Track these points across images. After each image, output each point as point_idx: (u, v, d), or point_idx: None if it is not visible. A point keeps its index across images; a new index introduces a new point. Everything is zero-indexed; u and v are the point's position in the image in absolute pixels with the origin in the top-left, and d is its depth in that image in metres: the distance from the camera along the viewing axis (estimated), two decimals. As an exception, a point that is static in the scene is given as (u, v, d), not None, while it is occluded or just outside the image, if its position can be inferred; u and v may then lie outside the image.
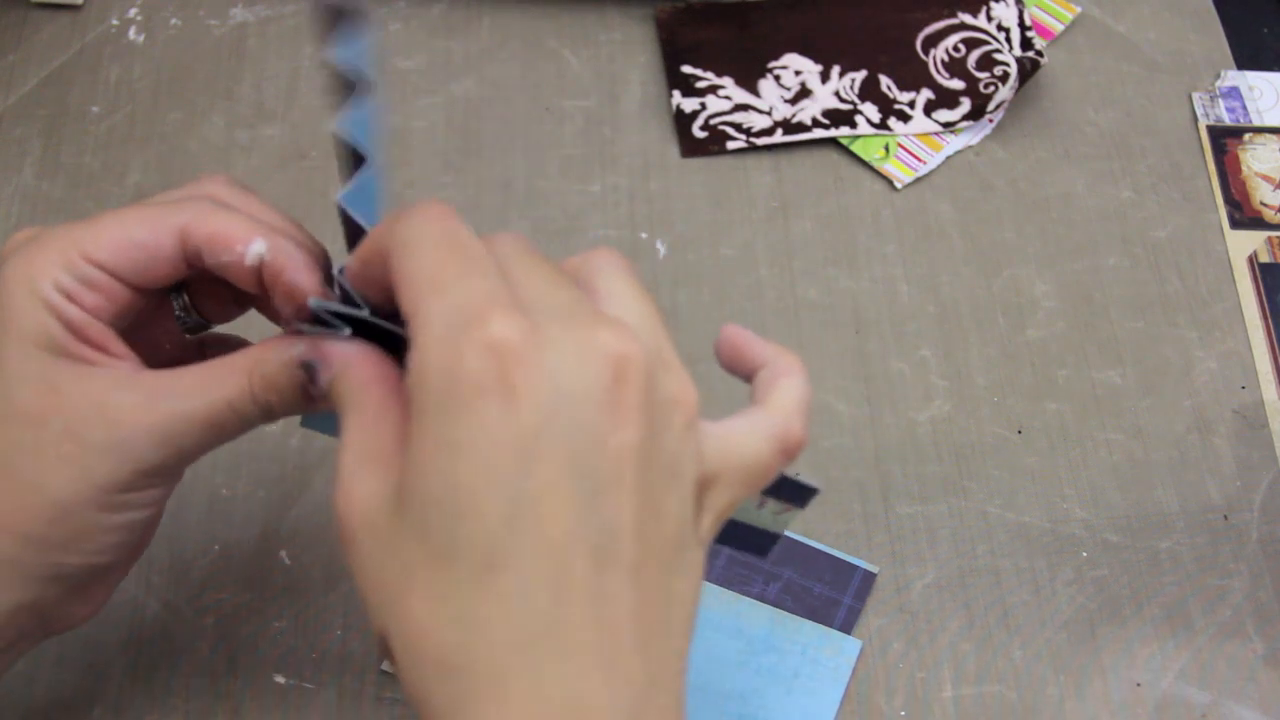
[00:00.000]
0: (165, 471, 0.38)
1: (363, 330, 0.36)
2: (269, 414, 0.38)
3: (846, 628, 0.51)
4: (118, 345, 0.38)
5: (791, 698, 0.49)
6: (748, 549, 0.42)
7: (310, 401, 0.38)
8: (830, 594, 0.51)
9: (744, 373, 0.39)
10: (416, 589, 0.31)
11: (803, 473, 0.39)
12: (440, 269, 0.32)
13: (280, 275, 0.38)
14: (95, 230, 0.38)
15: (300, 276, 0.38)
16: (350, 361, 0.35)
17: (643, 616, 0.32)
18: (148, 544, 0.41)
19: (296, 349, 0.37)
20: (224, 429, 0.38)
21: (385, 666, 0.49)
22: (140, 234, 0.38)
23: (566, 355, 0.31)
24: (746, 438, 0.36)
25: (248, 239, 0.38)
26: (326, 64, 0.34)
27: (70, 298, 0.37)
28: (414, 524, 0.31)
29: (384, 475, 0.32)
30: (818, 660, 0.50)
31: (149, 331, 0.41)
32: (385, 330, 0.35)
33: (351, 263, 0.35)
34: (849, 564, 0.52)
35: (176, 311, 0.42)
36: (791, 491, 0.39)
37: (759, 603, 0.51)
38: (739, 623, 0.50)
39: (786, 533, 0.52)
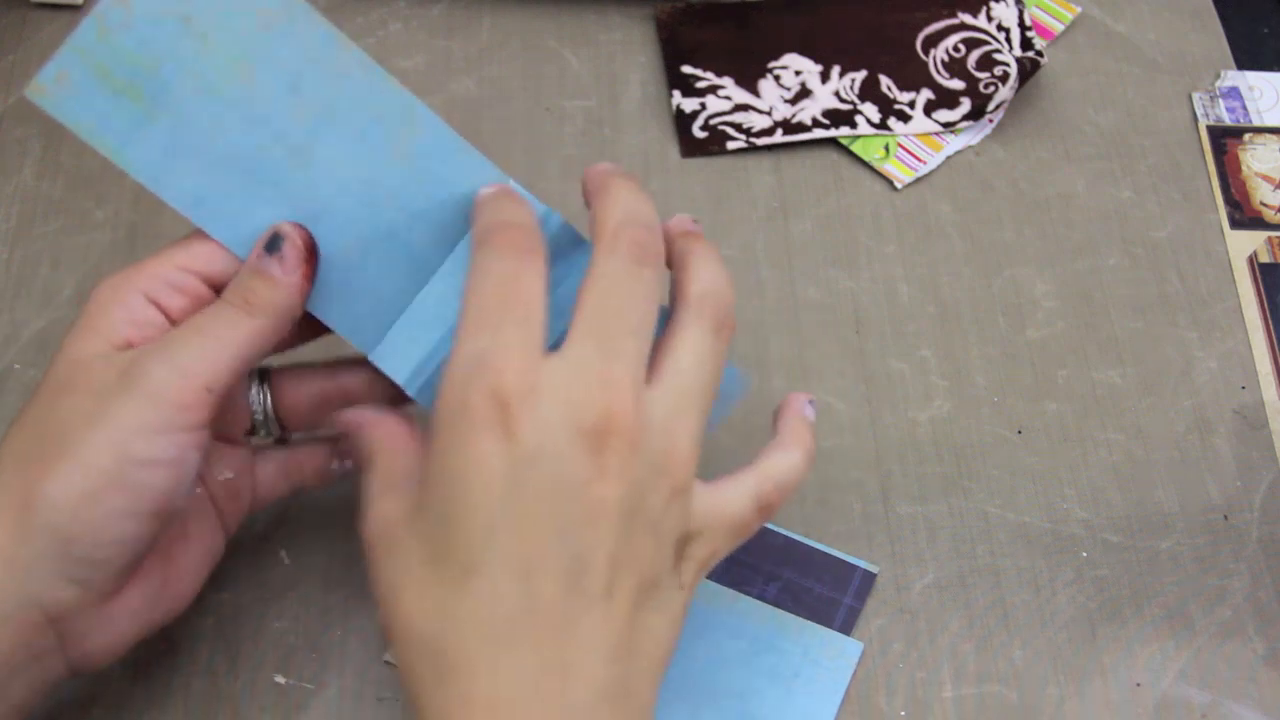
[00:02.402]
0: (192, 415, 0.40)
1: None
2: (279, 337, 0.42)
3: (846, 628, 0.51)
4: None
5: (791, 698, 0.49)
6: None
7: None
8: (830, 594, 0.51)
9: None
10: (412, 585, 0.37)
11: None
12: (484, 312, 0.38)
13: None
14: (191, 248, 0.42)
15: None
16: (364, 423, 0.42)
17: (609, 637, 0.37)
18: (182, 593, 0.44)
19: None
20: (245, 358, 0.41)
21: (387, 657, 0.49)
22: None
23: (558, 411, 0.36)
24: (732, 496, 0.41)
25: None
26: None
27: (154, 303, 0.41)
28: (419, 532, 0.38)
29: (400, 498, 0.39)
30: (818, 660, 0.50)
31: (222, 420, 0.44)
32: None
33: None
34: (849, 564, 0.52)
35: (254, 413, 0.46)
36: None
37: (759, 602, 0.51)
38: (739, 623, 0.50)
39: (788, 533, 0.53)
